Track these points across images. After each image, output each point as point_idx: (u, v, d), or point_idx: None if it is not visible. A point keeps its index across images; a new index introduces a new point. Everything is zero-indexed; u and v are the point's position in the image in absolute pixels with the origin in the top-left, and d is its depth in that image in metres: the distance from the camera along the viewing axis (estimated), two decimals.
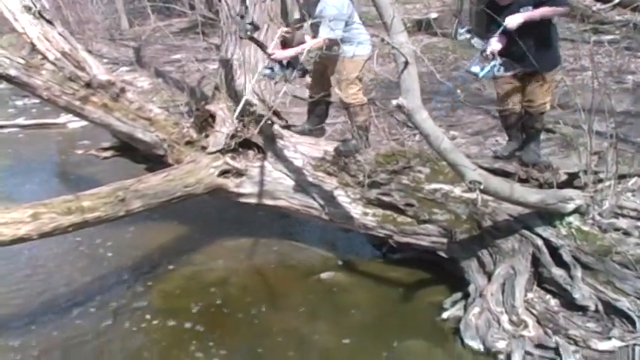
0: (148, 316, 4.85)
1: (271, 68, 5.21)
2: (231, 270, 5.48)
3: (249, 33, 4.97)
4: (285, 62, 5.19)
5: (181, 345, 4.53)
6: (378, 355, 4.33)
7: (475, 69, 4.80)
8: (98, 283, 5.34)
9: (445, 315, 4.69)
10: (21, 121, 10.02)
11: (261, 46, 5.20)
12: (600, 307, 4.29)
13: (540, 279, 4.60)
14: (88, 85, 5.07)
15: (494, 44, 4.65)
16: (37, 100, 10.16)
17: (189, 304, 4.96)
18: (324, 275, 5.30)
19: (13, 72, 4.80)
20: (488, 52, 4.67)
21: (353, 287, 5.14)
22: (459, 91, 5.77)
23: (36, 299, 5.09)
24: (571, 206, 4.52)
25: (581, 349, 4.15)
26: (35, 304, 5.02)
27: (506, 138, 5.38)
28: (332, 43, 4.94)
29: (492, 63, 4.70)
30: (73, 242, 5.83)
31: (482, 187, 3.98)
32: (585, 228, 4.55)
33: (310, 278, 5.29)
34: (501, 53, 4.69)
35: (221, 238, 5.96)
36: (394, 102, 3.79)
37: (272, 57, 5.11)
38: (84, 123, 8.43)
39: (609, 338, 4.16)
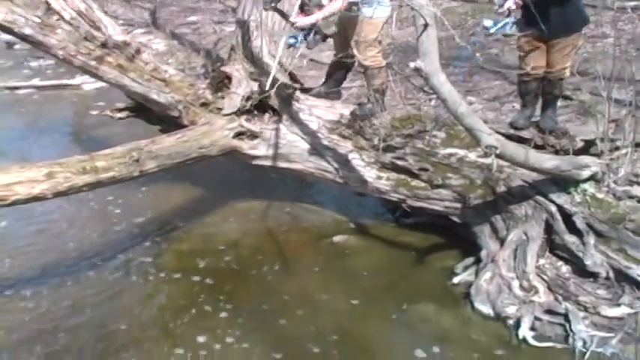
0: (158, 272, 4.93)
1: (295, 37, 5.19)
2: (243, 232, 5.52)
3: (272, 4, 4.94)
4: (307, 29, 5.16)
5: (190, 297, 4.61)
6: (387, 317, 4.39)
7: (487, 23, 4.77)
8: (109, 240, 5.41)
9: (456, 280, 4.73)
10: (36, 82, 10.03)
11: (284, 16, 5.17)
12: (611, 274, 4.30)
13: (552, 245, 4.60)
14: (104, 45, 5.05)
15: (511, 1, 4.59)
16: (52, 62, 10.21)
17: (199, 263, 5.02)
18: (336, 238, 5.33)
19: (28, 31, 4.79)
20: (504, 7, 4.61)
21: (365, 251, 5.18)
22: (477, 54, 5.70)
23: (47, 254, 5.17)
24: (586, 173, 4.49)
25: (591, 316, 4.18)
26: (46, 259, 5.10)
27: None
28: (351, 5, 4.88)
29: (506, 20, 4.65)
30: (85, 200, 5.86)
31: (498, 152, 3.97)
32: (600, 195, 4.52)
33: (322, 241, 5.33)
34: (523, 15, 4.62)
35: (234, 200, 5.99)
36: (412, 64, 3.76)
37: (296, 25, 5.07)
38: (98, 84, 8.48)
39: (619, 305, 4.19)
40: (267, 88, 4.66)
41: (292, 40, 5.21)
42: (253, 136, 5.44)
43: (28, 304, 4.52)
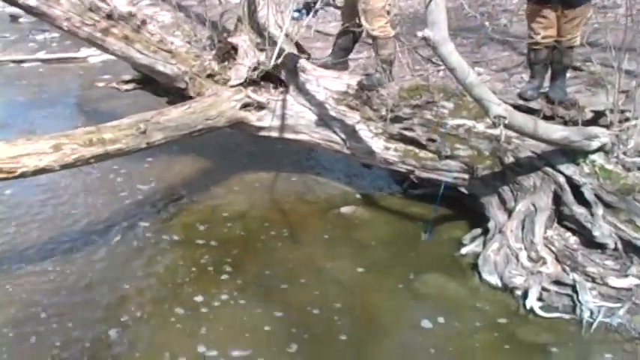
0: (162, 240, 4.98)
1: (299, 10, 5.13)
2: (250, 203, 5.52)
3: None
4: (312, 2, 5.11)
5: (193, 262, 4.66)
6: (393, 287, 4.40)
7: None
8: (114, 209, 5.42)
9: (464, 250, 4.73)
10: (42, 55, 9.99)
11: None
12: (619, 245, 4.29)
13: (561, 217, 4.58)
14: (109, 16, 5.00)
15: None
16: (57, 35, 10.17)
17: (205, 232, 5.05)
18: (343, 209, 5.34)
19: (32, 2, 4.74)
20: None
21: (372, 222, 5.18)
22: (487, 23, 5.63)
23: (53, 221, 5.21)
24: (595, 144, 4.46)
25: (598, 286, 4.19)
26: (52, 226, 5.14)
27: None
28: None
29: None
30: (90, 170, 5.86)
31: (506, 122, 3.95)
32: (609, 166, 4.49)
33: (330, 212, 5.33)
34: None
35: (240, 172, 5.99)
36: (420, 34, 3.72)
37: None
38: (104, 57, 8.44)
39: (626, 276, 4.19)
40: (273, 58, 4.62)
41: (297, 14, 5.17)
42: (260, 107, 5.42)
43: (35, 271, 4.56)
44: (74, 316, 4.12)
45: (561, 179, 4.55)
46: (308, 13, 5.12)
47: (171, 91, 5.66)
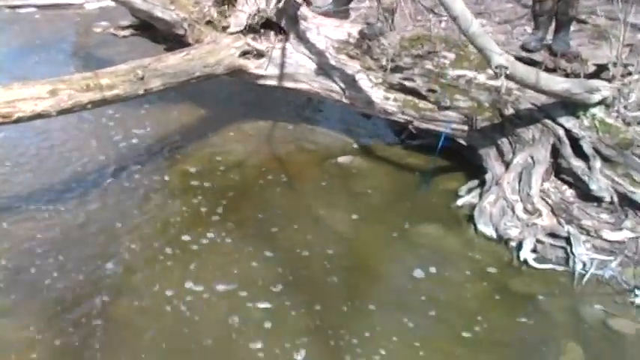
0: (157, 185, 4.99)
1: None
2: (247, 152, 5.50)
3: None
4: None
5: (187, 205, 4.71)
6: (388, 236, 4.42)
7: None
8: (110, 155, 5.37)
9: (460, 202, 4.74)
10: (37, 1, 9.81)
11: None
12: (615, 199, 4.31)
13: (558, 170, 4.59)
14: None
15: None
16: None
17: (200, 179, 5.04)
18: (341, 159, 5.32)
19: None
20: None
21: (370, 172, 5.17)
22: None
23: (47, 165, 5.18)
24: (597, 97, 4.43)
25: (592, 239, 4.22)
26: (46, 170, 5.12)
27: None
28: None
29: None
30: (85, 116, 5.78)
31: (508, 72, 3.91)
32: (609, 120, 4.47)
33: (327, 161, 5.31)
34: None
35: (238, 121, 5.93)
36: None
37: None
38: (102, 4, 8.32)
39: (621, 229, 4.21)
40: (272, 5, 4.54)
41: None
42: (259, 55, 5.35)
43: (30, 210, 4.59)
44: (68, 252, 4.18)
45: (560, 132, 4.54)
46: None
47: (169, 38, 5.57)
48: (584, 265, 4.05)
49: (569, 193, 4.51)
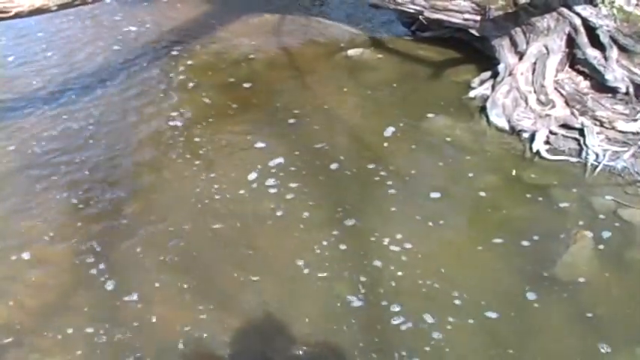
0: (168, 83, 4.93)
1: None
2: (257, 47, 5.39)
3: None
4: None
5: (196, 98, 4.69)
6: (400, 127, 4.39)
7: None
8: (118, 55, 5.31)
9: (472, 93, 4.68)
10: None
11: None
12: (631, 90, 4.25)
13: (573, 60, 4.50)
14: None
15: None
16: None
17: (211, 75, 4.98)
18: (350, 52, 5.23)
19: None
20: None
21: (380, 64, 5.09)
22: None
23: (52, 69, 5.10)
24: None
25: (606, 130, 4.20)
26: (55, 74, 5.04)
27: None
28: None
29: None
30: (87, 17, 5.72)
31: None
32: (628, 8, 4.33)
33: (337, 55, 5.23)
34: None
35: (246, 15, 5.81)
36: None
37: None
38: None
39: (635, 120, 4.18)
40: None
41: None
42: None
43: (39, 114, 4.55)
44: (82, 152, 4.17)
45: (577, 21, 4.41)
46: None
47: None
48: (597, 156, 4.04)
49: (584, 84, 4.44)
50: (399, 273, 3.21)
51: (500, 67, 4.67)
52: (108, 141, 4.30)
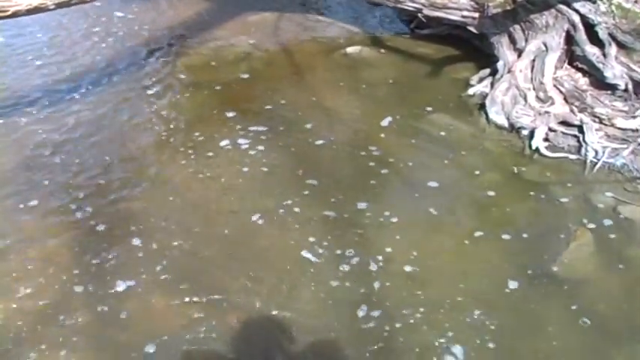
0: (166, 81, 4.91)
1: None
2: (255, 45, 5.38)
3: None
4: None
5: (196, 96, 4.66)
6: (398, 126, 4.39)
7: None
8: (116, 52, 5.29)
9: (471, 91, 4.68)
10: None
11: None
12: (630, 87, 4.27)
13: (572, 57, 4.52)
14: None
15: None
16: None
17: (209, 73, 4.96)
18: (349, 49, 5.22)
19: None
20: None
21: (379, 62, 5.09)
22: None
23: (52, 67, 5.08)
24: None
25: (605, 127, 4.20)
26: (53, 71, 5.03)
27: None
28: None
29: None
30: (87, 16, 5.70)
31: None
32: (627, 5, 4.36)
33: (335, 52, 5.22)
34: None
35: (243, 14, 5.80)
36: None
37: None
38: None
39: (634, 117, 4.20)
40: None
41: None
42: None
43: (38, 117, 4.52)
44: (80, 150, 4.16)
45: (576, 18, 4.43)
46: None
47: None
48: (596, 153, 4.04)
49: (583, 81, 4.45)
50: (399, 272, 3.21)
51: (499, 65, 4.68)
52: (106, 139, 4.27)
